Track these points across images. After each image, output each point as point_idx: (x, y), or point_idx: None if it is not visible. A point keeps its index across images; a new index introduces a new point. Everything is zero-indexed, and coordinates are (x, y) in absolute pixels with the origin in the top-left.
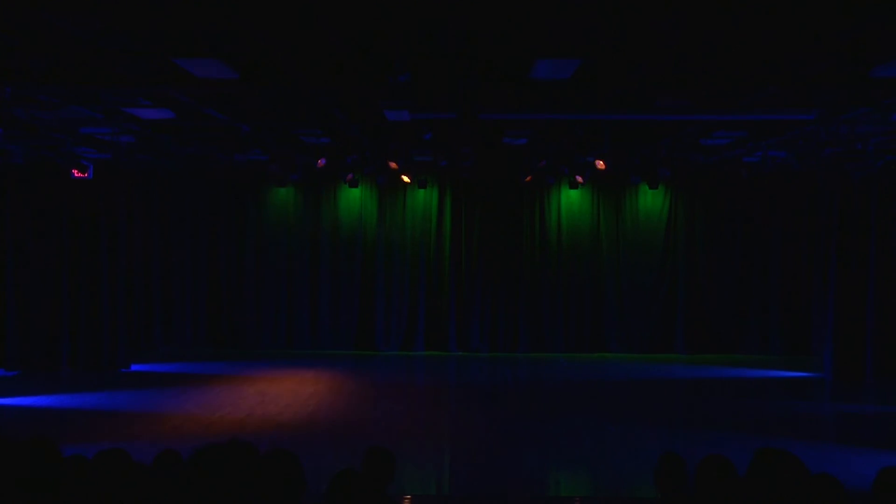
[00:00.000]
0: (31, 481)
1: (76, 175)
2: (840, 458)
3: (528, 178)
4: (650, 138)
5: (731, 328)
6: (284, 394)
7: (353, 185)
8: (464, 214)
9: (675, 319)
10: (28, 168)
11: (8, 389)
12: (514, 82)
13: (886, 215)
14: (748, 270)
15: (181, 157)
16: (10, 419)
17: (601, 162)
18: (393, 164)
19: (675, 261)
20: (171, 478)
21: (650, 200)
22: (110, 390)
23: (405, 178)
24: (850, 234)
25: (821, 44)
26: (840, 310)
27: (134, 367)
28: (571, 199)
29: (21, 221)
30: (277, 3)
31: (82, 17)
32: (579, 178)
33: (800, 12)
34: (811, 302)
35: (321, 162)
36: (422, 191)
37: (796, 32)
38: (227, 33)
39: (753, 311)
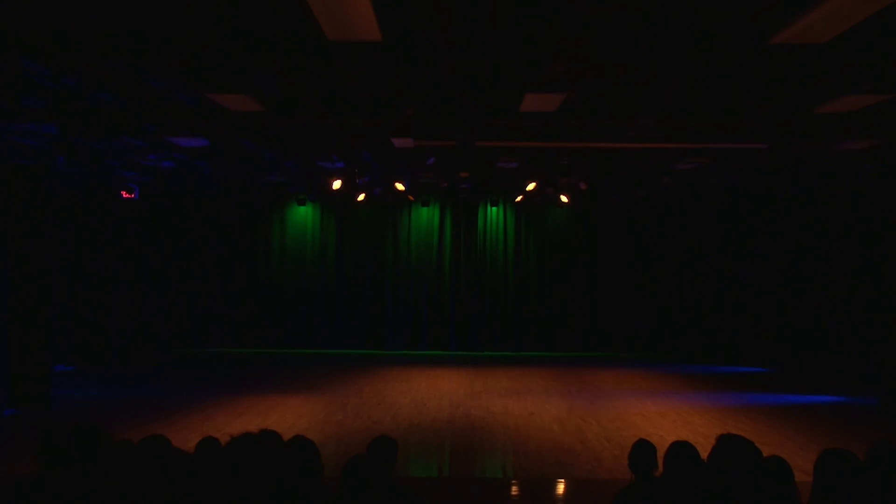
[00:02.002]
0: (85, 463)
1: (124, 196)
2: (788, 441)
3: (519, 199)
4: (627, 163)
5: (699, 330)
6: (304, 388)
7: (364, 203)
8: (462, 230)
9: (650, 322)
10: (84, 191)
11: (66, 382)
12: (507, 114)
13: (825, 231)
14: (714, 279)
15: (215, 179)
16: (68, 407)
17: (584, 184)
18: (399, 186)
19: (651, 271)
20: (207, 460)
21: (628, 217)
22: (152, 384)
23: (410, 198)
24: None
25: (772, 86)
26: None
27: (173, 364)
28: (558, 216)
29: (76, 238)
30: (300, 51)
31: (134, 62)
32: (564, 198)
33: (756, 65)
34: (765, 306)
35: (336, 183)
36: (425, 209)
37: (752, 79)
38: (255, 73)
39: (719, 315)
